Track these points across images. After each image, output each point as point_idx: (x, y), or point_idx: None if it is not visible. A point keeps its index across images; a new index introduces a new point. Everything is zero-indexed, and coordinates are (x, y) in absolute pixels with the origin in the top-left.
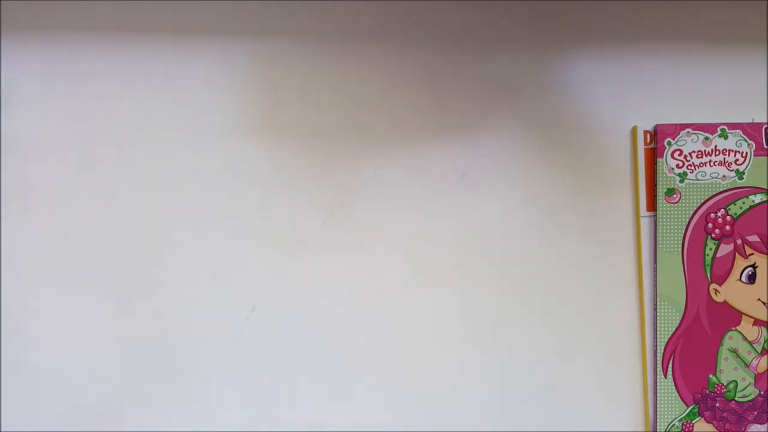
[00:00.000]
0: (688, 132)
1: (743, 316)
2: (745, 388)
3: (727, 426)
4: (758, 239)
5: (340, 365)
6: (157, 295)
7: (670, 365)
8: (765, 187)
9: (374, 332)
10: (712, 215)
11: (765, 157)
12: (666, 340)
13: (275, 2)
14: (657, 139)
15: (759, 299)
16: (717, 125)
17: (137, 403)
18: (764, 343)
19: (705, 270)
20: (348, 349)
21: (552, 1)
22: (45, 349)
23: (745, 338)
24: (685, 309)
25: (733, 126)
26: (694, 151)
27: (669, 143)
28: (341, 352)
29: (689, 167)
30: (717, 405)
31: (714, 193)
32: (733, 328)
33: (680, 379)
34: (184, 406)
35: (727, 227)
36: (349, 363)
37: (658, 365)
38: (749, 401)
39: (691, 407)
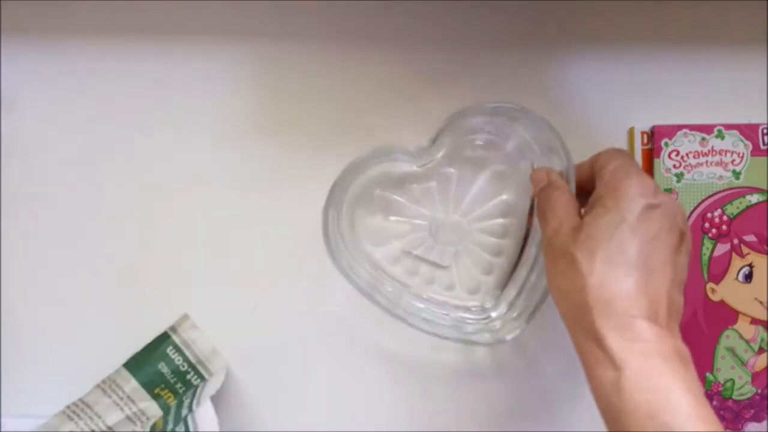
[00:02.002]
0: (685, 133)
1: (740, 315)
2: (743, 386)
3: (725, 424)
4: (755, 239)
5: (343, 364)
6: (159, 295)
7: None
8: (761, 187)
9: (376, 330)
10: (709, 215)
11: (761, 158)
12: None
13: (275, 2)
14: (654, 140)
15: (756, 298)
16: (714, 126)
17: None
18: (761, 341)
19: (702, 269)
20: (351, 348)
21: (550, 2)
22: (46, 349)
23: (741, 337)
24: (683, 308)
25: (729, 127)
26: (691, 152)
27: (666, 144)
28: (344, 351)
29: (686, 168)
30: (714, 403)
31: (711, 194)
32: (730, 327)
33: None
34: None
35: (724, 227)
36: (353, 363)
37: None
38: (746, 399)
39: None
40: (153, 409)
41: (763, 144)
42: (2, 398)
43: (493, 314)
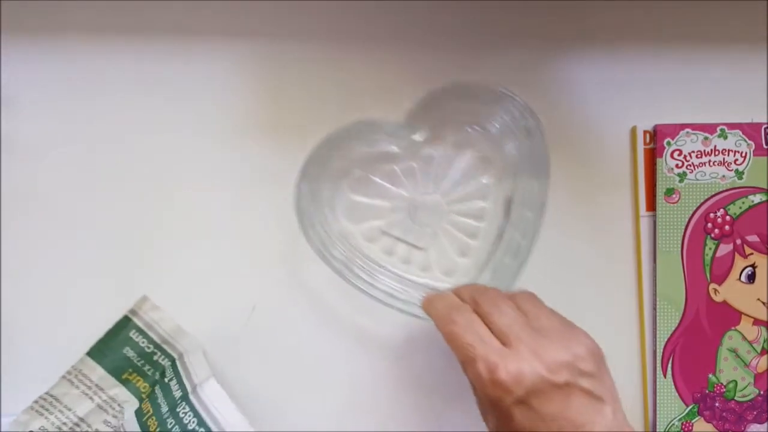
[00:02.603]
0: (687, 132)
1: (743, 315)
2: (745, 387)
3: (727, 425)
4: (758, 239)
5: (343, 364)
6: (158, 294)
7: (669, 365)
8: (764, 187)
9: (377, 328)
10: (712, 215)
11: (764, 157)
12: (665, 339)
13: (275, 2)
14: (656, 139)
15: (758, 299)
16: (716, 125)
17: None
18: (764, 342)
19: (704, 270)
20: (351, 348)
21: (552, 1)
22: (46, 350)
23: (744, 338)
24: (685, 308)
25: (732, 126)
26: (693, 151)
27: (668, 143)
28: (344, 350)
29: (689, 167)
30: (716, 405)
31: (713, 193)
32: (733, 328)
33: (680, 379)
34: None
35: (727, 227)
36: (354, 362)
37: (657, 365)
38: (749, 401)
39: (691, 407)
40: (123, 395)
41: (766, 143)
42: (2, 398)
43: None
